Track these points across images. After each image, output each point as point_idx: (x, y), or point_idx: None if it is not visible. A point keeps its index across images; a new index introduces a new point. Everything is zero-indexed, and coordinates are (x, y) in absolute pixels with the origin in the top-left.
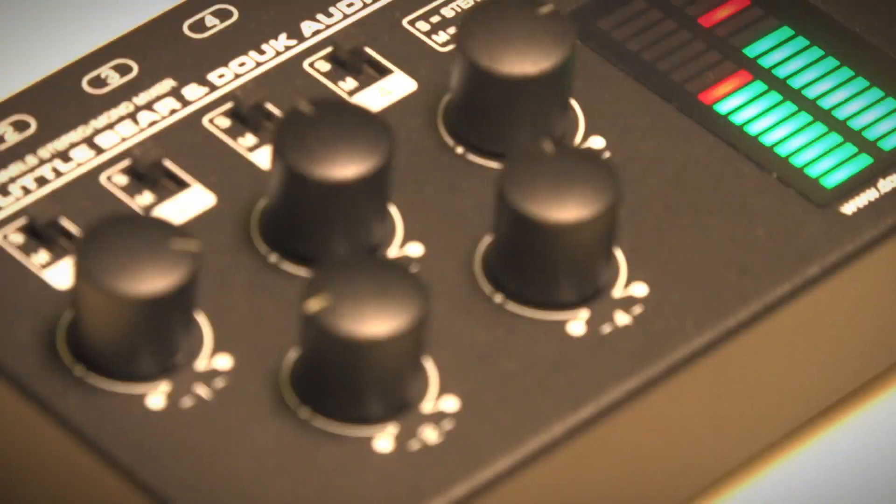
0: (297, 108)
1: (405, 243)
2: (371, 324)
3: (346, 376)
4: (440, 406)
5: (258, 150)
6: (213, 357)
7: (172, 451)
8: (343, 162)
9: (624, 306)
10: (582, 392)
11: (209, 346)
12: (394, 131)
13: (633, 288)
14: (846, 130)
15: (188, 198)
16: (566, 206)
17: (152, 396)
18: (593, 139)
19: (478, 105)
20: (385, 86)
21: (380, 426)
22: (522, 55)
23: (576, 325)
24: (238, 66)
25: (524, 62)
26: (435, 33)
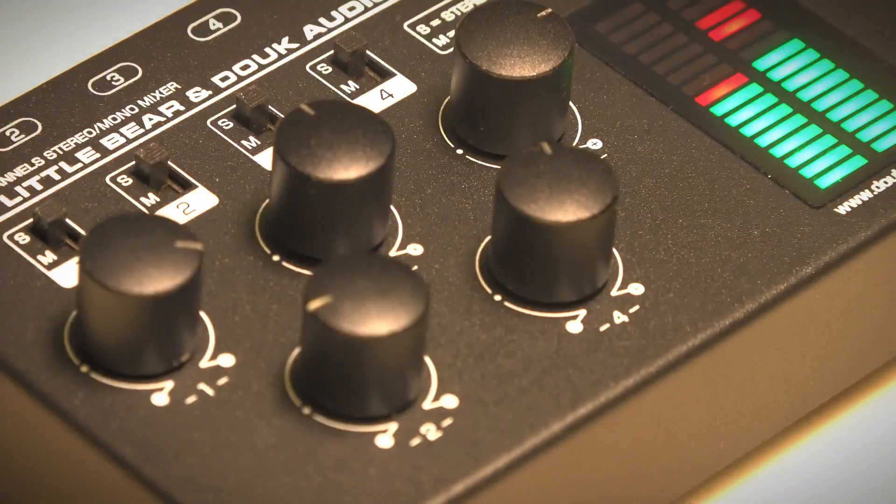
0: (299, 109)
1: (405, 243)
2: (372, 322)
3: (348, 374)
4: (440, 404)
5: (261, 152)
6: (217, 355)
7: (176, 449)
8: (345, 162)
9: (621, 306)
10: (580, 390)
11: (213, 345)
12: (394, 132)
13: (631, 287)
14: (840, 132)
15: (192, 198)
16: (565, 207)
17: (157, 394)
18: (591, 141)
19: (477, 107)
20: (386, 88)
21: (381, 423)
22: (521, 58)
23: (574, 325)
24: (241, 69)
25: (523, 65)
26: (435, 36)
